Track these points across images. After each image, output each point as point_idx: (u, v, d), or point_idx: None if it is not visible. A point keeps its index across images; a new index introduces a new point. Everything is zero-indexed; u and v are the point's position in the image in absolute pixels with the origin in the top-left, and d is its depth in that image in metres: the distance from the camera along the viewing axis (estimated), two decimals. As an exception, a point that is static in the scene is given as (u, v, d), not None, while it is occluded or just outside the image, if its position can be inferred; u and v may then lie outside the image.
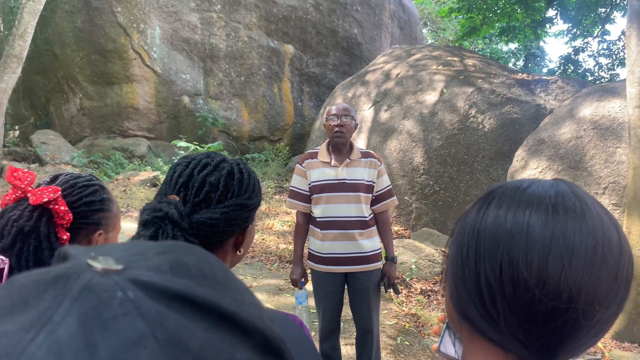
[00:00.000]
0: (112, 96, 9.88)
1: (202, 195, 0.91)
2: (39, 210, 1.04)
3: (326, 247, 2.81)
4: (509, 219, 0.55)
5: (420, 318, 4.49)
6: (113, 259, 0.28)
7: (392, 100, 8.08)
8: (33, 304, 0.26)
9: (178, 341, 0.25)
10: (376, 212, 2.91)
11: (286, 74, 11.76)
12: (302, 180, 2.88)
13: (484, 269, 0.55)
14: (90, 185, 1.17)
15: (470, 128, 7.11)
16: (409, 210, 7.24)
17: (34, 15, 7.86)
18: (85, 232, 1.15)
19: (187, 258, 0.32)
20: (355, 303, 2.88)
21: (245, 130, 11.20)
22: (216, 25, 10.69)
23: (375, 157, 2.90)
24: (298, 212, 2.95)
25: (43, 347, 0.23)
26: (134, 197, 7.35)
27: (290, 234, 6.76)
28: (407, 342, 4.01)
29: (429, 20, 22.04)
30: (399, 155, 7.43)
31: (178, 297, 0.27)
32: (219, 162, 0.97)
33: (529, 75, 8.29)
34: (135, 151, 9.65)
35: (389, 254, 2.93)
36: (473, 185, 6.91)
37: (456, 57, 8.88)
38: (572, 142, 5.78)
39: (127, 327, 0.24)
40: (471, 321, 0.58)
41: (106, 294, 0.26)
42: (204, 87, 10.68)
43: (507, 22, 12.07)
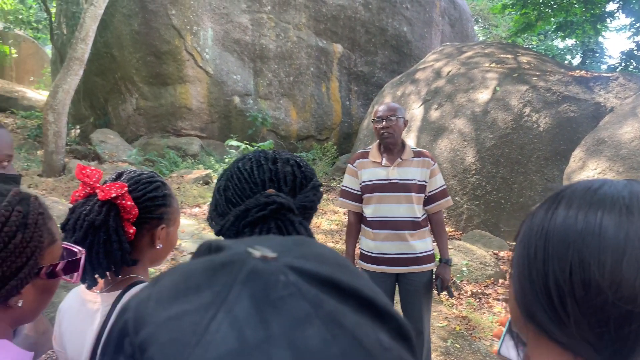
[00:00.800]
0: (167, 96, 10.20)
1: (289, 184, 0.96)
2: (107, 205, 1.09)
3: (377, 247, 2.80)
4: (580, 220, 0.54)
5: (471, 321, 4.40)
6: (267, 247, 0.32)
7: (442, 98, 7.94)
8: (206, 286, 0.29)
9: (336, 320, 0.27)
10: (430, 213, 2.88)
11: (334, 73, 11.78)
12: (354, 179, 2.88)
13: (553, 270, 0.54)
14: (153, 181, 1.21)
15: (525, 127, 6.89)
16: (459, 211, 7.11)
17: (95, 19, 8.22)
18: (149, 227, 1.19)
19: (321, 250, 0.35)
20: (406, 304, 2.86)
21: (293, 130, 11.30)
22: (266, 26, 10.84)
23: (429, 156, 2.86)
24: (349, 212, 2.95)
25: (224, 323, 0.26)
26: (187, 195, 7.56)
27: (337, 233, 6.77)
28: (457, 344, 3.94)
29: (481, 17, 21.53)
30: (449, 154, 7.30)
31: (327, 281, 0.30)
32: (280, 155, 1.02)
33: (587, 72, 7.95)
34: (188, 150, 9.93)
35: (443, 255, 2.89)
36: (527, 186, 6.70)
37: (509, 55, 8.63)
38: (634, 142, 5.50)
39: (294, 307, 0.27)
40: (538, 323, 0.57)
41: (272, 277, 0.29)
42: (254, 87, 10.85)
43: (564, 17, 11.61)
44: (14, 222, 0.79)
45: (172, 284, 0.30)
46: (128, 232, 1.13)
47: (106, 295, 1.15)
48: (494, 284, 5.21)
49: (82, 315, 1.16)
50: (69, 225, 1.08)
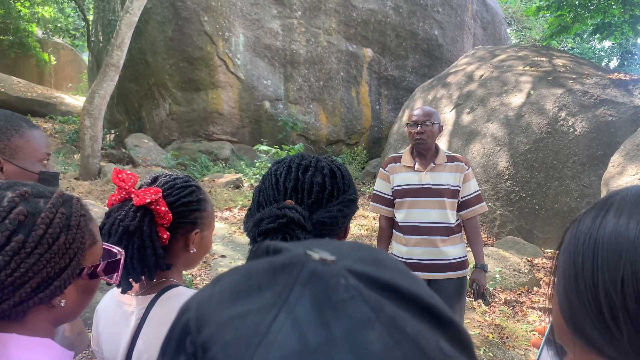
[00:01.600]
0: (199, 102, 10.37)
1: (313, 196, 0.93)
2: (142, 211, 1.10)
3: (408, 252, 2.77)
4: (632, 228, 0.50)
5: (504, 329, 4.30)
6: (326, 250, 0.31)
7: (475, 102, 7.83)
8: (266, 288, 0.29)
9: (398, 326, 0.27)
10: (464, 219, 2.83)
11: (364, 78, 11.76)
12: (385, 184, 2.86)
13: (603, 282, 0.51)
14: (187, 186, 1.21)
15: (560, 131, 6.73)
16: (492, 217, 6.98)
17: (130, 26, 8.44)
18: (183, 231, 1.19)
19: (380, 254, 0.34)
20: (438, 310, 2.82)
21: (322, 134, 11.32)
22: (296, 32, 10.91)
23: (462, 161, 2.81)
24: (381, 216, 2.93)
25: (286, 324, 0.26)
26: (219, 198, 7.65)
27: (367, 238, 6.74)
28: (490, 353, 3.86)
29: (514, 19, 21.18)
30: (482, 159, 7.19)
31: (387, 286, 0.29)
32: (317, 163, 0.98)
33: (626, 75, 7.72)
34: (219, 154, 10.07)
35: (478, 261, 2.83)
36: (562, 192, 6.53)
37: (544, 57, 8.45)
38: (677, 146, 5.31)
39: (355, 310, 0.27)
40: (587, 337, 0.54)
41: (332, 280, 0.28)
42: (284, 92, 10.93)
43: (601, 18, 11.32)
44: (58, 223, 0.81)
45: (233, 284, 0.31)
46: (162, 238, 1.13)
47: (141, 299, 1.17)
48: (527, 291, 5.09)
49: (118, 317, 1.18)
50: (104, 229, 1.10)
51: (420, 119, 2.72)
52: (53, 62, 18.73)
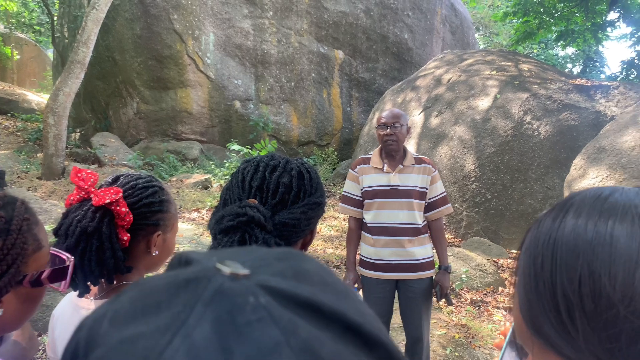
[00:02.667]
0: (167, 101, 10.21)
1: (278, 197, 0.92)
2: (101, 211, 1.06)
3: (377, 253, 2.79)
4: (590, 229, 0.51)
5: (470, 329, 4.37)
6: (240, 263, 0.28)
7: (443, 105, 7.95)
8: (166, 306, 0.26)
9: (311, 350, 0.24)
10: (430, 220, 2.86)
11: (335, 80, 11.80)
12: (355, 185, 2.87)
13: (561, 282, 0.51)
14: (150, 186, 1.18)
15: (525, 135, 6.89)
16: (459, 218, 7.09)
17: (97, 23, 8.24)
18: (145, 233, 1.16)
19: (307, 265, 0.31)
20: (405, 311, 2.84)
21: (294, 135, 11.30)
22: (268, 32, 10.87)
23: (429, 163, 2.85)
24: (350, 217, 2.94)
25: (180, 351, 0.23)
26: (187, 199, 7.55)
27: (337, 239, 6.75)
28: (457, 353, 3.91)
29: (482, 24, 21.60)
30: (449, 161, 7.30)
31: (305, 304, 0.27)
32: (286, 163, 0.97)
33: (588, 81, 7.96)
34: (188, 154, 9.93)
35: (442, 262, 2.87)
36: (527, 194, 6.69)
37: (510, 62, 8.64)
38: (635, 150, 5.50)
39: (262, 334, 0.24)
40: (545, 336, 0.54)
41: (239, 298, 0.26)
42: (255, 92, 10.87)
43: (565, 25, 11.65)
44: None
45: (130, 301, 0.27)
46: (122, 239, 1.09)
47: (99, 302, 1.12)
48: (493, 291, 5.18)
49: (75, 321, 1.14)
50: (61, 230, 1.05)
51: (389, 121, 2.74)
52: (16, 58, 18.14)
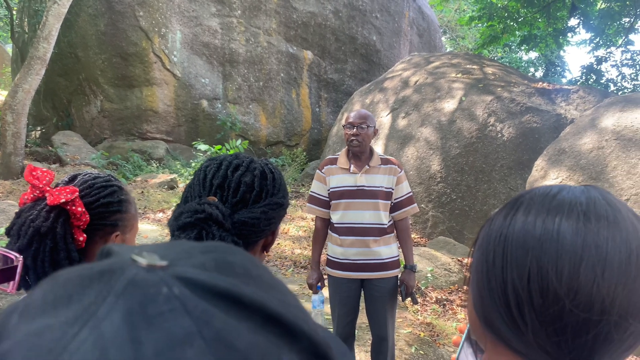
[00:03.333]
0: (132, 99, 10.02)
1: (239, 195, 0.91)
2: (56, 211, 1.03)
3: (343, 252, 2.80)
4: (538, 226, 0.53)
5: (435, 327, 4.44)
6: (158, 255, 0.28)
7: (410, 107, 8.05)
8: (77, 298, 0.25)
9: (225, 340, 0.24)
10: (396, 220, 2.89)
11: (304, 80, 11.80)
12: (322, 185, 2.88)
13: (511, 278, 0.53)
14: (108, 185, 1.15)
15: (489, 137, 7.04)
16: (425, 218, 7.19)
17: (58, 18, 8.01)
18: (102, 234, 1.13)
19: (233, 257, 0.31)
20: (371, 310, 2.86)
21: (262, 135, 11.25)
22: (236, 30, 10.79)
23: (395, 163, 2.88)
24: (317, 218, 2.94)
25: (87, 342, 0.23)
26: (152, 199, 7.42)
27: (305, 239, 6.76)
28: (422, 351, 3.96)
29: (449, 28, 21.98)
30: (416, 162, 7.40)
31: (224, 295, 0.27)
32: (250, 163, 0.97)
33: (549, 85, 8.20)
34: (153, 154, 9.76)
35: (407, 262, 2.91)
36: (491, 194, 6.84)
37: (475, 66, 8.83)
38: (593, 152, 5.69)
39: (173, 324, 0.24)
40: (496, 331, 0.55)
41: (151, 289, 0.25)
42: (223, 91, 10.77)
43: (528, 30, 11.97)
44: None
45: (43, 294, 0.27)
46: (78, 240, 1.06)
47: None
48: (458, 290, 5.27)
49: None
50: (13, 230, 1.02)
51: (356, 122, 2.76)
52: (-28, 53, 17.50)
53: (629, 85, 14.18)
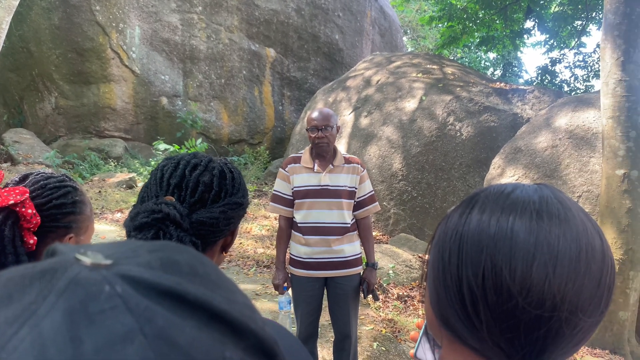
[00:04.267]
0: (89, 96, 9.73)
1: (197, 195, 0.90)
2: (4, 213, 0.99)
3: (307, 252, 2.81)
4: (493, 225, 0.53)
5: (397, 323, 4.51)
6: (103, 254, 0.28)
7: (372, 106, 8.13)
8: (18, 297, 0.25)
9: (167, 337, 0.24)
10: (358, 218, 2.93)
11: (267, 78, 11.74)
12: (285, 184, 2.87)
13: (467, 275, 0.53)
14: (61, 186, 1.12)
15: (449, 135, 7.19)
16: (387, 215, 7.29)
17: (9, 11, 7.69)
18: (55, 236, 1.10)
19: (179, 256, 0.31)
20: (334, 308, 2.89)
21: (224, 133, 11.14)
22: (197, 27, 10.63)
23: (358, 163, 2.91)
24: (280, 217, 2.94)
25: (26, 341, 0.22)
26: (109, 199, 7.24)
27: (268, 239, 6.73)
28: (383, 347, 4.02)
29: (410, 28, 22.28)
30: (378, 161, 7.48)
31: (168, 293, 0.27)
32: (208, 162, 0.96)
33: (506, 85, 8.44)
34: (111, 152, 9.52)
35: (369, 260, 2.94)
36: (450, 192, 7.00)
37: (436, 65, 8.99)
38: (547, 150, 5.90)
39: (114, 322, 0.24)
40: (452, 328, 0.56)
41: (93, 287, 0.25)
42: (183, 88, 10.60)
43: (486, 31, 12.27)
44: None
45: None
46: (28, 243, 1.03)
47: None
48: (419, 286, 5.37)
49: None
50: None
51: (320, 124, 2.76)
52: None
53: (581, 86, 14.75)
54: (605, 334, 4.56)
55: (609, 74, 4.66)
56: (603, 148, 4.73)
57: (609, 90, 4.65)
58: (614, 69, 4.62)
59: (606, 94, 4.68)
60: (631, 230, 4.48)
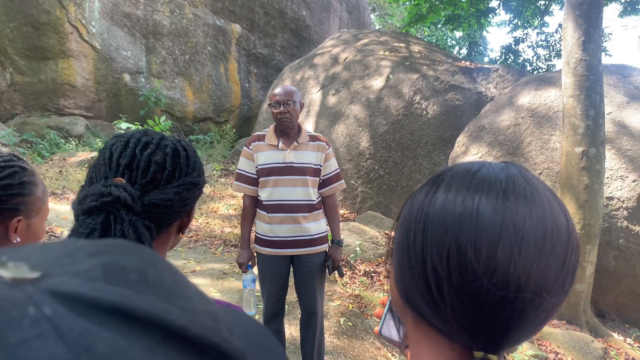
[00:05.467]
0: (47, 72, 9.35)
1: (149, 176, 0.86)
2: None
3: (272, 230, 2.81)
4: (458, 204, 0.53)
5: (363, 299, 4.58)
6: (28, 264, 0.23)
7: (339, 84, 8.11)
8: None
9: None
10: (324, 196, 2.93)
11: (233, 54, 11.53)
12: (250, 163, 2.85)
13: (431, 256, 0.53)
14: (7, 166, 1.07)
15: (415, 114, 7.25)
16: (354, 194, 7.34)
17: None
18: (2, 218, 1.05)
19: (127, 260, 0.27)
20: (300, 285, 2.90)
21: (189, 111, 10.93)
22: (159, 1, 10.30)
23: (323, 140, 2.90)
24: (245, 195, 2.92)
25: None
26: (71, 179, 7.04)
27: (235, 218, 6.70)
28: (350, 323, 4.09)
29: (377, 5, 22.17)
30: (345, 139, 7.49)
31: (112, 310, 0.22)
32: (160, 140, 0.91)
33: (471, 64, 8.53)
34: (72, 131, 9.21)
35: (335, 237, 2.96)
36: (416, 170, 7.08)
37: (402, 44, 9.00)
38: (510, 129, 6.02)
39: (41, 353, 0.19)
40: (416, 308, 0.56)
41: (14, 311, 0.20)
42: (146, 65, 10.31)
43: (452, 10, 12.30)
44: None
45: None
46: None
47: None
48: (385, 262, 5.46)
49: None
50: None
51: (282, 99, 2.74)
52: None
53: (543, 65, 15.04)
54: (562, 305, 4.74)
55: (570, 53, 4.75)
56: (563, 126, 4.85)
57: (570, 69, 4.75)
58: (575, 49, 4.72)
59: (567, 73, 4.78)
60: (588, 205, 4.64)
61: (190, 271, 4.83)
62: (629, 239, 5.13)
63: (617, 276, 5.29)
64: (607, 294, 5.44)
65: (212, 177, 8.55)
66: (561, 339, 4.31)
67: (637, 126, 5.39)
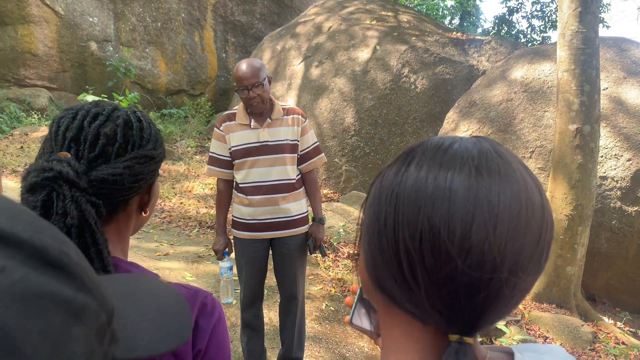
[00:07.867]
0: (5, 39, 9.10)
1: (97, 149, 0.84)
2: None
3: (251, 213, 2.79)
4: (430, 182, 0.52)
5: (346, 283, 4.63)
6: None
7: (323, 55, 8.04)
8: None
9: None
10: (303, 172, 2.91)
11: (208, 22, 11.33)
12: (222, 145, 2.80)
13: (403, 238, 0.52)
14: None
15: (403, 88, 7.24)
16: (338, 172, 7.35)
17: None
18: None
19: None
20: (280, 269, 2.91)
21: (161, 83, 10.76)
22: (128, -38, 10.05)
23: (299, 113, 2.85)
24: (219, 180, 2.88)
25: None
26: (33, 155, 6.92)
27: (211, 198, 6.67)
28: (332, 307, 4.13)
29: (364, -30, 21.89)
30: (329, 115, 7.46)
31: None
32: (112, 111, 0.89)
33: (463, 35, 8.51)
34: (34, 103, 9.02)
35: (316, 214, 2.95)
36: (403, 147, 7.10)
37: (390, 12, 8.93)
38: (502, 104, 6.05)
39: None
40: (388, 292, 0.56)
41: None
42: (115, 32, 10.09)
43: (444, -23, 12.26)
44: None
45: None
46: None
47: None
48: (354, 246, 5.50)
49: None
50: None
51: (250, 82, 2.64)
52: None
53: (537, 37, 15.08)
54: (552, 288, 4.85)
55: (566, 25, 4.76)
56: (557, 102, 4.88)
57: (565, 42, 4.77)
58: (571, 20, 4.73)
59: (562, 46, 4.80)
60: (581, 185, 4.71)
61: (163, 254, 4.81)
62: (622, 220, 5.24)
63: (609, 258, 5.42)
64: (598, 277, 5.57)
65: (186, 154, 8.47)
66: (550, 323, 4.41)
67: (633, 102, 5.46)
